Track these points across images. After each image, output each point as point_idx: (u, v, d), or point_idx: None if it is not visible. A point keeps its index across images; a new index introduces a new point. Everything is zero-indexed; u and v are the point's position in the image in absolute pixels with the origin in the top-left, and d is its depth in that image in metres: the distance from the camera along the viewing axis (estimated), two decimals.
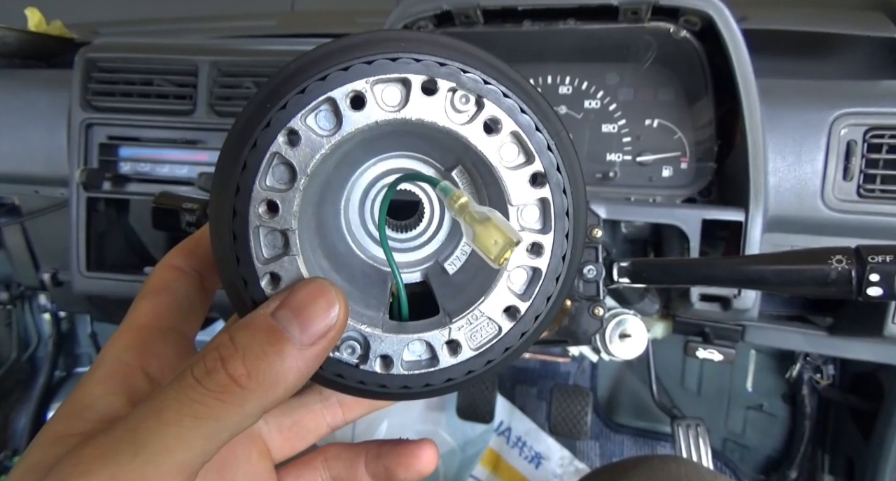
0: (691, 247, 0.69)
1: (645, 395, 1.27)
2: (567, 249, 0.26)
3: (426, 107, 0.25)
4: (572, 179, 0.26)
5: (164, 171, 0.87)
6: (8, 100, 0.95)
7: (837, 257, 0.38)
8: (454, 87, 0.24)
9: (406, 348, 0.26)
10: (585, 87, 0.82)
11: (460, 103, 0.25)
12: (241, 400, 0.22)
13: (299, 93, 0.24)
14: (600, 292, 0.47)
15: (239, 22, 1.03)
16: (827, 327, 0.81)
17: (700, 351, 0.83)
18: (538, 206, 0.26)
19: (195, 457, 0.21)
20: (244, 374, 0.22)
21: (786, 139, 0.71)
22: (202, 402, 0.22)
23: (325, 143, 0.24)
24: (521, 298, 0.26)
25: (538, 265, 0.26)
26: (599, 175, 0.81)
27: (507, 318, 0.26)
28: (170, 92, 0.85)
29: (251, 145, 0.24)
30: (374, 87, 0.24)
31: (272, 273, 0.25)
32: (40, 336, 1.51)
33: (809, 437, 1.24)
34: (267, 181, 0.25)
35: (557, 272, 0.26)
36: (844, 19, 0.81)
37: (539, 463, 1.36)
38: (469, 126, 0.25)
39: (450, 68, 0.24)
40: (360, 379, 0.27)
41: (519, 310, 0.26)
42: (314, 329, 0.23)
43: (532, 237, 0.26)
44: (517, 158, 0.25)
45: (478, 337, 0.26)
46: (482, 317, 0.26)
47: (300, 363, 0.23)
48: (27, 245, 1.10)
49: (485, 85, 0.25)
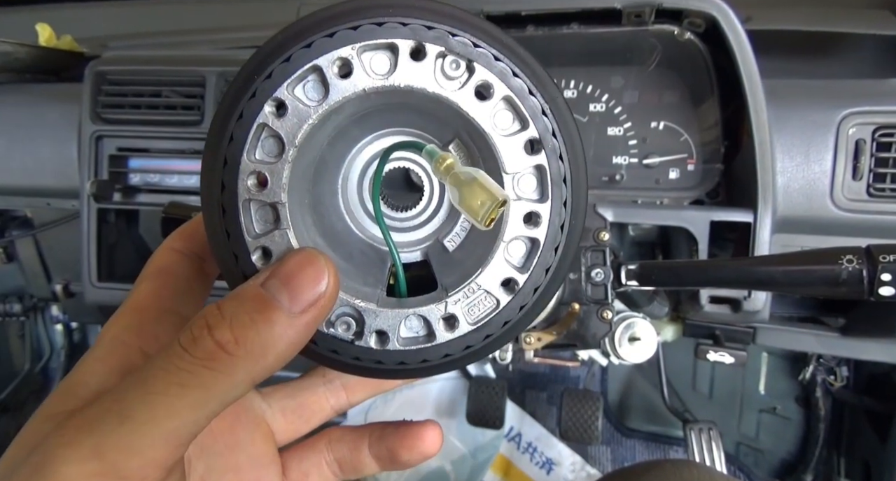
0: (700, 249, 0.68)
1: (656, 399, 1.26)
2: (566, 218, 0.25)
3: (415, 73, 0.24)
4: (569, 145, 0.25)
5: (173, 182, 0.88)
6: (20, 114, 0.96)
7: (848, 257, 0.38)
8: (443, 52, 0.24)
9: (402, 323, 0.26)
10: (590, 90, 0.82)
11: (450, 68, 0.24)
12: (228, 368, 0.22)
13: (284, 61, 0.24)
14: (609, 295, 0.47)
15: (245, 33, 1.04)
16: (839, 328, 0.80)
17: (711, 353, 0.82)
18: (534, 174, 0.25)
19: (183, 427, 0.21)
20: (231, 341, 0.22)
21: (793, 139, 0.71)
22: (189, 370, 0.21)
23: (312, 113, 0.24)
24: (520, 270, 0.25)
25: (536, 235, 0.25)
26: (606, 178, 0.81)
27: (505, 291, 0.25)
28: (178, 103, 0.86)
29: (237, 117, 0.24)
30: (361, 54, 0.24)
31: (263, 247, 0.25)
32: (52, 347, 1.52)
33: (824, 440, 1.23)
34: (256, 154, 0.24)
35: (556, 242, 0.25)
36: (850, 18, 0.80)
37: (550, 469, 1.35)
38: (460, 92, 0.24)
39: (438, 32, 0.24)
40: (356, 354, 0.26)
41: (517, 283, 0.25)
42: (304, 297, 0.23)
43: (529, 206, 0.25)
44: (511, 125, 0.25)
45: (476, 311, 0.26)
46: (479, 291, 0.25)
47: (290, 331, 0.23)
48: (39, 257, 1.12)
49: (475, 48, 0.24)
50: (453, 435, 1.38)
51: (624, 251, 0.82)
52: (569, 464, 1.35)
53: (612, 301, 0.48)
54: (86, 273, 0.89)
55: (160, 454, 0.20)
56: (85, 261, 0.89)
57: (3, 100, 0.97)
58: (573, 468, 1.35)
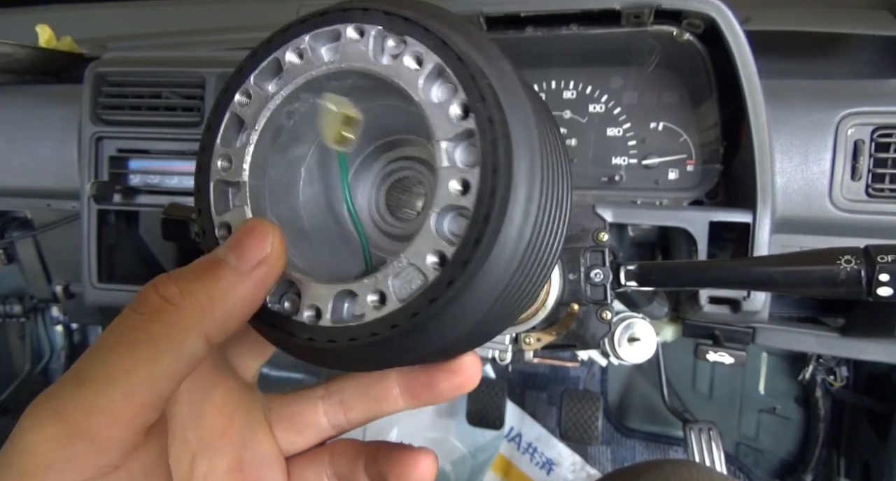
0: (699, 250, 0.68)
1: (656, 399, 1.26)
2: (498, 184, 0.22)
3: (356, 54, 0.26)
4: (502, 109, 0.23)
5: (173, 183, 0.88)
6: (19, 115, 0.96)
7: (846, 257, 0.38)
8: (381, 31, 0.25)
9: (333, 299, 0.25)
10: (590, 91, 0.82)
11: (387, 45, 0.25)
12: (175, 319, 0.22)
13: (251, 56, 0.28)
14: (608, 296, 0.47)
15: (245, 34, 1.04)
16: (839, 328, 0.80)
17: (710, 354, 0.82)
18: (465, 140, 0.24)
19: (141, 384, 0.21)
20: (177, 293, 0.22)
21: (792, 139, 0.71)
22: (137, 327, 0.22)
23: (269, 99, 0.27)
24: (450, 243, 0.23)
25: (465, 204, 0.23)
26: (605, 179, 0.81)
27: (434, 266, 0.23)
28: (178, 104, 0.86)
29: (214, 108, 0.28)
30: (311, 43, 0.27)
31: (225, 223, 0.27)
32: (53, 348, 1.52)
33: (824, 440, 1.23)
34: (227, 139, 0.28)
35: (485, 210, 0.22)
36: (849, 18, 0.81)
37: (550, 469, 1.35)
38: (394, 65, 0.25)
39: (372, 13, 0.25)
40: (291, 330, 0.26)
41: (446, 256, 0.23)
42: (249, 256, 0.24)
43: (459, 174, 0.24)
44: (442, 93, 0.24)
45: (406, 288, 0.24)
46: (408, 266, 0.24)
47: (239, 288, 0.23)
48: (39, 258, 1.12)
49: (405, 22, 0.25)
50: (453, 435, 1.39)
51: (623, 252, 0.82)
52: (569, 465, 1.35)
53: (611, 301, 0.47)
54: (86, 274, 0.89)
55: (121, 413, 0.21)
56: (85, 263, 0.89)
57: (2, 101, 0.97)
58: (573, 468, 1.35)
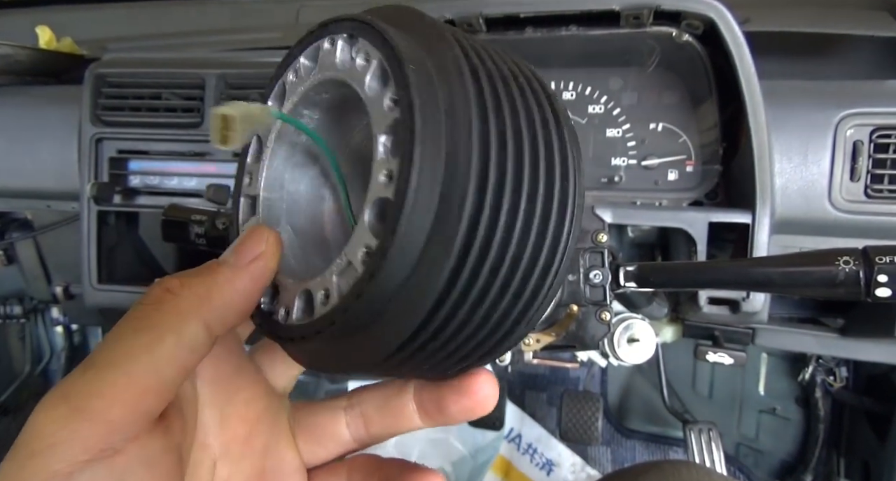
0: (698, 251, 0.68)
1: (656, 400, 1.26)
2: (411, 171, 0.21)
3: (328, 63, 0.27)
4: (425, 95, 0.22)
5: (173, 184, 0.88)
6: (20, 116, 0.96)
7: (845, 258, 0.38)
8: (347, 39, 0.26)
9: (297, 298, 0.26)
10: (589, 92, 0.82)
11: (352, 51, 0.26)
12: (173, 307, 0.24)
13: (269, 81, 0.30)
14: (607, 297, 0.47)
15: (245, 35, 1.04)
16: (838, 329, 0.80)
17: (710, 354, 0.82)
18: (392, 130, 0.23)
19: (143, 368, 0.22)
20: (177, 284, 0.25)
21: (791, 140, 0.71)
22: (140, 317, 0.24)
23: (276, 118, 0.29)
24: (376, 235, 0.23)
25: (386, 194, 0.23)
26: (605, 179, 0.81)
27: (364, 259, 0.23)
28: (178, 105, 0.86)
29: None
30: (303, 61, 0.29)
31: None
32: (53, 349, 1.52)
33: (824, 441, 1.23)
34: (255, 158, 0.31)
35: (400, 199, 0.22)
36: (848, 19, 0.81)
37: (550, 470, 1.35)
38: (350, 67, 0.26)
39: (341, 23, 0.26)
40: (269, 328, 0.28)
41: (372, 249, 0.23)
42: (245, 253, 0.26)
43: (387, 165, 0.23)
44: (378, 84, 0.25)
45: (346, 284, 0.24)
46: (347, 262, 0.24)
47: (235, 280, 0.25)
48: (39, 259, 1.12)
49: (361, 25, 0.26)
50: (453, 436, 1.39)
51: (623, 252, 0.82)
52: (569, 465, 1.35)
53: (610, 302, 0.47)
54: (86, 275, 0.89)
55: (124, 396, 0.22)
56: (85, 264, 0.89)
57: (2, 102, 0.98)
58: (573, 469, 1.35)
